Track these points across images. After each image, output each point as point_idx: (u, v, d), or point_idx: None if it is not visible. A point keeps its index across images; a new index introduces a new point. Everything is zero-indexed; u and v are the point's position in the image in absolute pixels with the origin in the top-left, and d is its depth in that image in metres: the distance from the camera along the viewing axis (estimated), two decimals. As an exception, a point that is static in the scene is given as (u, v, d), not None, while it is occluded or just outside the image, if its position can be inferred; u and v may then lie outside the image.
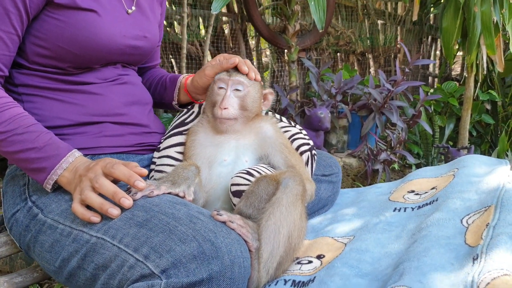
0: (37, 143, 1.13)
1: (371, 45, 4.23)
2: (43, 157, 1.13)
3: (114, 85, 1.35)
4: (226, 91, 1.28)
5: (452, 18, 3.19)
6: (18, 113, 1.15)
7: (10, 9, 1.14)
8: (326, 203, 1.58)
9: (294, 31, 3.32)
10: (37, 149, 1.13)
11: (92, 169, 1.08)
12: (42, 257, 1.16)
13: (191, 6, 3.27)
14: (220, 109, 1.25)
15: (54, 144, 1.15)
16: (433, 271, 0.97)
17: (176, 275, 0.91)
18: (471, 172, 1.42)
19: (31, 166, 1.14)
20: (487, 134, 3.82)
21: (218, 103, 1.27)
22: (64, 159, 1.13)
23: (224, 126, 1.27)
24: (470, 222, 1.14)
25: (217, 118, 1.26)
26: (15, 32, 1.17)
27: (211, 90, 1.32)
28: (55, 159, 1.13)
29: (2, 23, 1.14)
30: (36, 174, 1.16)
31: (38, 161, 1.13)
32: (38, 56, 1.24)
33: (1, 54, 1.17)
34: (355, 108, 3.17)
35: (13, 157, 1.15)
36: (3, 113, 1.13)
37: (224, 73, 1.31)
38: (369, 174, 3.04)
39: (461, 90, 3.69)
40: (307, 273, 1.17)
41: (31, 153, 1.13)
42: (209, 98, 1.32)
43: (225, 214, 1.04)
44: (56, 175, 1.13)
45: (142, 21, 1.39)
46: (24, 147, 1.13)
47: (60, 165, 1.13)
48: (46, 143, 1.14)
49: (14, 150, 1.13)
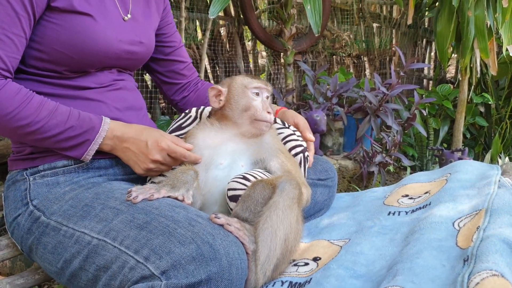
0: (71, 121, 1.21)
1: (367, 48, 4.26)
2: (81, 132, 1.22)
3: (110, 90, 1.37)
4: (264, 98, 1.34)
5: (446, 22, 3.22)
6: (42, 99, 1.20)
7: (21, 13, 1.17)
8: (322, 207, 1.61)
9: (290, 34, 3.35)
10: (74, 127, 1.21)
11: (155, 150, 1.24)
12: (44, 258, 1.19)
13: (188, 9, 3.29)
14: (269, 113, 1.31)
15: (86, 118, 1.23)
16: (425, 272, 1.00)
17: (176, 276, 0.94)
18: (463, 177, 1.45)
19: (71, 144, 1.22)
20: (481, 137, 3.85)
21: (257, 108, 1.31)
22: (101, 128, 1.24)
23: (266, 129, 1.32)
24: (462, 225, 1.17)
25: (260, 121, 1.31)
26: (24, 35, 1.19)
27: (242, 95, 1.33)
28: (93, 131, 1.23)
29: (13, 26, 1.17)
30: (76, 150, 1.23)
31: (78, 137, 1.22)
32: (35, 60, 1.26)
33: (12, 57, 1.19)
34: (351, 110, 3.19)
35: (52, 140, 1.21)
36: (31, 103, 1.18)
37: (259, 80, 1.36)
38: (364, 176, 3.07)
39: (455, 93, 3.72)
40: (304, 274, 1.20)
41: (70, 132, 1.21)
42: (240, 102, 1.33)
43: (223, 217, 1.06)
44: (97, 144, 1.24)
45: (138, 27, 1.41)
46: (62, 128, 1.20)
47: (99, 134, 1.23)
48: (78, 119, 1.22)
49: (54, 133, 1.20)
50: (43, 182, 1.26)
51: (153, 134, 1.26)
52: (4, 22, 1.15)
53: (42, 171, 1.27)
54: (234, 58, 3.62)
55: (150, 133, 1.26)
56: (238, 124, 1.32)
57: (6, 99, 1.15)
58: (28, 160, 1.29)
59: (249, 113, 1.32)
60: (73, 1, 1.23)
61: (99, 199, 1.17)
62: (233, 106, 1.33)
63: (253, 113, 1.31)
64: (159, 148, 1.24)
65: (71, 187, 1.25)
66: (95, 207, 1.15)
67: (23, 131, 1.18)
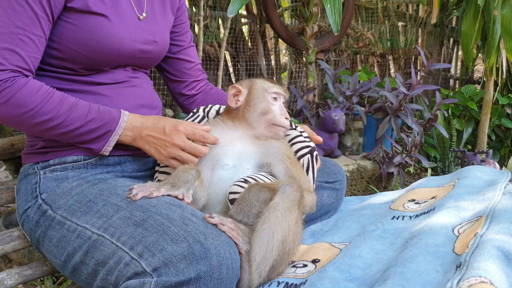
0: (92, 114, 1.25)
1: (391, 47, 4.21)
2: (102, 124, 1.26)
3: (124, 87, 1.40)
4: (282, 103, 1.38)
5: (471, 21, 3.16)
6: (62, 95, 1.25)
7: (40, 14, 1.21)
8: (329, 209, 1.61)
9: (312, 33, 3.34)
10: (95, 119, 1.25)
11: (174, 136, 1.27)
12: (50, 251, 1.23)
13: (210, 7, 3.32)
14: (286, 119, 1.35)
15: (106, 110, 1.28)
16: (417, 277, 1.00)
17: (166, 274, 0.96)
18: (470, 183, 1.43)
19: (92, 136, 1.26)
20: (507, 139, 3.76)
21: (276, 112, 1.35)
22: (121, 120, 1.28)
23: (282, 134, 1.36)
24: (461, 231, 1.16)
25: (277, 126, 1.34)
26: (44, 36, 1.23)
27: (262, 98, 1.36)
28: (113, 122, 1.27)
29: (34, 27, 1.21)
30: (97, 142, 1.27)
31: (99, 129, 1.26)
32: (52, 58, 1.30)
33: (33, 57, 1.23)
34: (371, 110, 3.17)
35: (73, 133, 1.25)
36: (52, 98, 1.22)
37: (279, 86, 1.38)
38: (383, 177, 3.05)
39: (481, 94, 3.64)
40: (301, 276, 1.21)
41: (91, 124, 1.25)
42: (260, 105, 1.35)
43: (217, 217, 1.08)
44: (117, 135, 1.28)
45: (153, 26, 1.44)
46: (83, 121, 1.24)
47: (119, 125, 1.27)
48: (98, 112, 1.26)
49: (75, 127, 1.24)
50: (53, 176, 1.30)
51: (170, 121, 1.29)
52: (25, 23, 1.19)
53: (52, 166, 1.31)
54: (255, 56, 3.63)
55: (167, 120, 1.29)
56: (254, 126, 1.34)
57: (29, 96, 1.19)
58: (40, 154, 1.33)
59: (267, 117, 1.34)
60: (88, 2, 1.27)
61: (102, 195, 1.20)
62: (251, 108, 1.34)
63: (272, 117, 1.34)
64: (178, 132, 1.26)
65: (79, 182, 1.28)
66: (98, 203, 1.18)
67: (45, 126, 1.22)
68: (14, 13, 1.18)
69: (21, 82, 1.19)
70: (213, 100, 1.65)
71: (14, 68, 1.19)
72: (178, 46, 1.61)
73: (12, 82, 1.18)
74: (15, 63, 1.19)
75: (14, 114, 1.20)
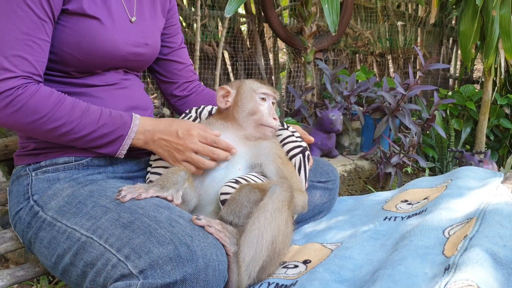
0: (104, 119, 1.26)
1: (390, 47, 4.20)
2: (114, 129, 1.26)
3: (116, 89, 1.40)
4: (270, 104, 1.37)
5: (470, 21, 3.15)
6: (74, 101, 1.25)
7: (43, 18, 1.21)
8: (322, 209, 1.60)
9: (310, 32, 3.33)
10: (106, 124, 1.26)
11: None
12: (41, 252, 1.23)
13: (209, 7, 3.32)
14: (275, 119, 1.35)
15: (117, 115, 1.28)
16: (405, 279, 1.00)
17: (153, 276, 0.96)
18: (463, 184, 1.43)
19: (105, 141, 1.27)
20: (506, 139, 3.75)
21: (264, 113, 1.34)
22: (133, 123, 1.29)
23: (270, 134, 1.35)
24: (452, 233, 1.15)
25: (265, 126, 1.34)
26: (48, 39, 1.24)
27: (249, 99, 1.36)
28: (125, 126, 1.28)
29: (38, 31, 1.21)
30: (111, 146, 1.28)
31: (111, 133, 1.26)
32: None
33: (41, 61, 1.24)
34: (369, 110, 3.16)
35: (86, 139, 1.25)
36: (64, 104, 1.23)
37: (267, 87, 1.38)
38: (381, 177, 3.04)
39: (479, 94, 3.63)
40: (291, 277, 1.21)
41: (103, 129, 1.26)
42: (247, 106, 1.35)
43: (204, 219, 1.08)
44: (130, 139, 1.28)
45: (144, 28, 1.44)
46: (95, 126, 1.25)
47: (131, 129, 1.28)
48: (110, 116, 1.27)
49: (88, 132, 1.25)
50: (44, 177, 1.30)
51: (183, 124, 1.29)
52: (30, 28, 1.20)
53: (44, 167, 1.31)
54: (254, 56, 3.62)
55: (180, 123, 1.30)
56: (243, 126, 1.34)
57: (41, 102, 1.20)
58: (32, 156, 1.33)
59: (255, 117, 1.34)
60: (83, 4, 1.27)
61: (92, 197, 1.20)
62: (239, 108, 1.35)
63: (259, 117, 1.34)
64: (191, 136, 1.27)
65: (70, 184, 1.29)
66: (87, 205, 1.18)
67: (58, 132, 1.23)
68: (18, 20, 1.18)
69: (33, 89, 1.20)
70: (205, 101, 1.65)
71: (25, 74, 1.20)
72: (169, 48, 1.61)
73: (24, 89, 1.19)
74: (25, 69, 1.20)
75: (27, 121, 1.20)
